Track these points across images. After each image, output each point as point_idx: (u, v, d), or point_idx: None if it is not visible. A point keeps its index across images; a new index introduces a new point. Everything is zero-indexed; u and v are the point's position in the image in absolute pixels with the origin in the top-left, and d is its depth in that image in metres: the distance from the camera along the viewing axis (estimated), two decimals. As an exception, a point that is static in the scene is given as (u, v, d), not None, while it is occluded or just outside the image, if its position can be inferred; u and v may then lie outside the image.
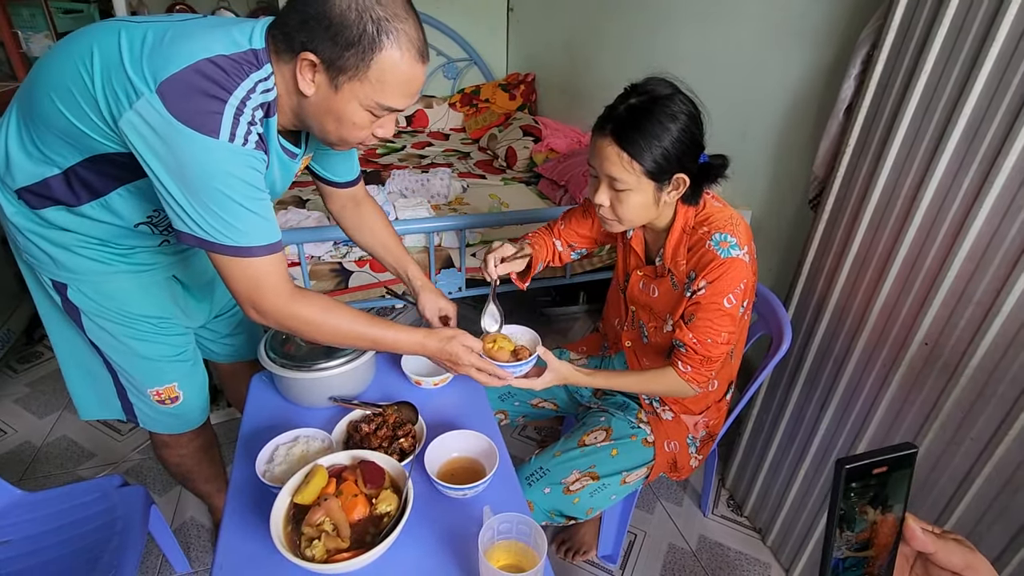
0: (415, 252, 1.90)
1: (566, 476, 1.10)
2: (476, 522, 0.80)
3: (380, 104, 0.81)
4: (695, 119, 0.97)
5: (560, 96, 3.22)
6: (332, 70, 0.78)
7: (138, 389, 1.10)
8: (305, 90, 0.80)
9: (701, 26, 1.89)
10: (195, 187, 0.76)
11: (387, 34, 0.76)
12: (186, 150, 0.74)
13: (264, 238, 0.81)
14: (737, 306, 1.00)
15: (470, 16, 3.63)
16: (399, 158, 3.00)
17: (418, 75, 0.82)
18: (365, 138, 0.88)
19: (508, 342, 1.06)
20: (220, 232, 0.78)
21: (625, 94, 0.98)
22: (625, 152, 0.94)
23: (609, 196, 1.00)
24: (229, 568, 0.76)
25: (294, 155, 0.95)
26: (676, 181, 0.98)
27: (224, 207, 0.77)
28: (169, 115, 0.72)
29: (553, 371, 1.02)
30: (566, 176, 2.31)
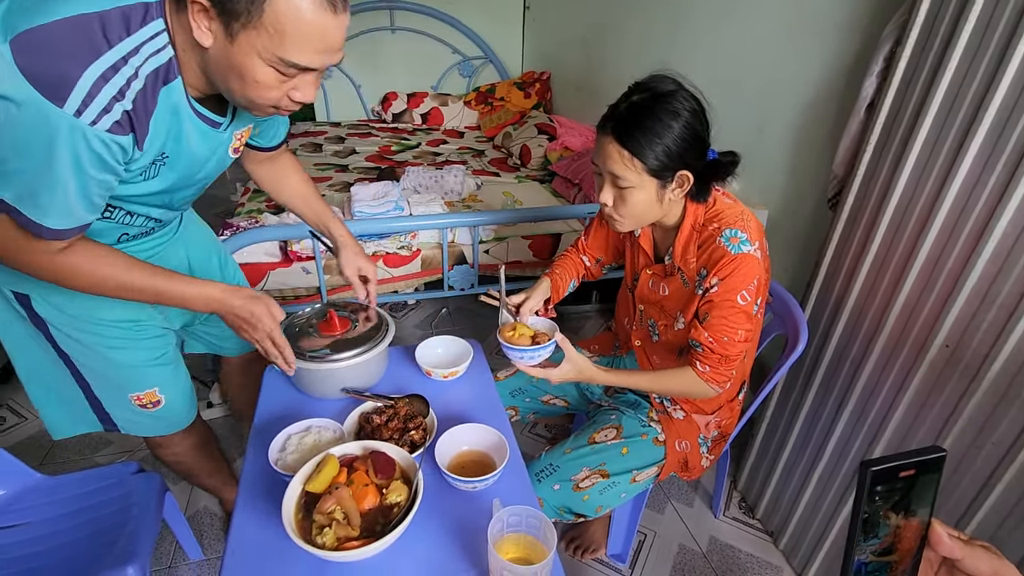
0: (428, 248, 1.91)
1: (576, 473, 1.10)
2: (485, 515, 0.80)
3: (282, 59, 0.71)
4: (699, 116, 0.96)
5: (575, 94, 3.22)
6: (224, 15, 0.69)
7: (116, 398, 1.05)
8: (202, 40, 0.71)
9: (720, 22, 1.87)
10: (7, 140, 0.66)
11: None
12: (20, 110, 0.64)
13: (60, 222, 0.74)
14: (751, 303, 0.99)
15: (486, 14, 3.64)
16: (414, 155, 3.02)
17: (329, 26, 0.71)
18: (279, 101, 0.78)
19: (528, 330, 1.06)
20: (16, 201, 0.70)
21: (628, 92, 0.98)
22: (626, 150, 0.94)
23: (613, 194, 1.00)
24: (241, 554, 0.77)
25: (215, 124, 0.86)
26: (680, 178, 0.97)
27: (35, 178, 0.69)
28: (15, 67, 0.63)
29: (571, 362, 1.01)
30: (580, 174, 2.30)
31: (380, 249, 1.85)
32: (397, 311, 2.48)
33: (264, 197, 2.30)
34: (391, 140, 3.27)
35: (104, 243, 0.85)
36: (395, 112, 3.66)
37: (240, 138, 0.96)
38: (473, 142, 3.32)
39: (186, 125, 0.82)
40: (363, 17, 3.51)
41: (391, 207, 1.87)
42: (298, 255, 1.76)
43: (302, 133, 3.38)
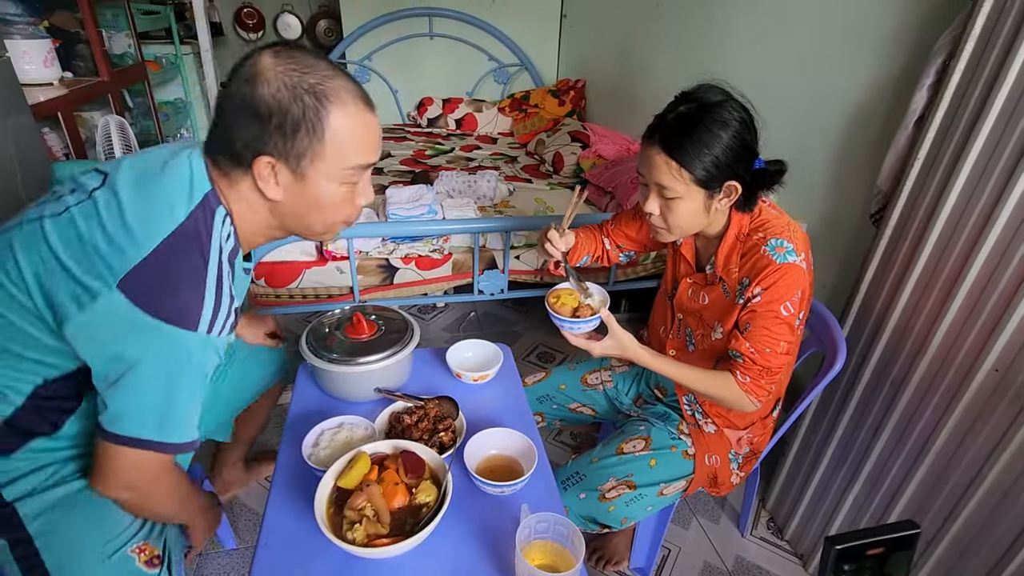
0: (460, 252, 1.92)
1: (602, 483, 1.09)
2: (512, 520, 0.80)
3: (351, 167, 0.76)
4: (748, 125, 0.95)
5: (610, 103, 3.21)
6: (291, 161, 0.73)
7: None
8: (274, 196, 0.75)
9: (760, 31, 1.85)
10: (146, 379, 0.69)
11: (326, 98, 0.71)
12: (152, 346, 0.67)
13: (189, 434, 0.76)
14: (794, 315, 0.97)
15: (523, 22, 3.66)
16: (447, 160, 3.05)
17: (371, 122, 0.77)
18: (352, 213, 0.82)
19: (572, 299, 1.03)
20: (146, 426, 0.71)
21: (675, 102, 0.97)
22: (674, 160, 0.93)
23: (659, 204, 1.00)
24: (273, 545, 0.79)
25: (248, 270, 0.94)
26: (728, 188, 0.96)
27: (168, 398, 0.71)
28: (138, 310, 0.66)
29: (614, 339, 0.99)
30: (613, 183, 2.29)
31: (412, 251, 1.87)
32: (426, 313, 2.51)
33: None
34: (425, 144, 3.32)
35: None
36: (430, 117, 3.71)
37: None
38: (506, 148, 3.34)
39: (240, 281, 0.85)
40: (403, 24, 3.57)
41: (425, 210, 1.90)
42: (333, 255, 1.80)
43: (339, 136, 3.45)
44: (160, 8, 3.78)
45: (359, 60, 3.68)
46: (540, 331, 2.38)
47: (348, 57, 3.68)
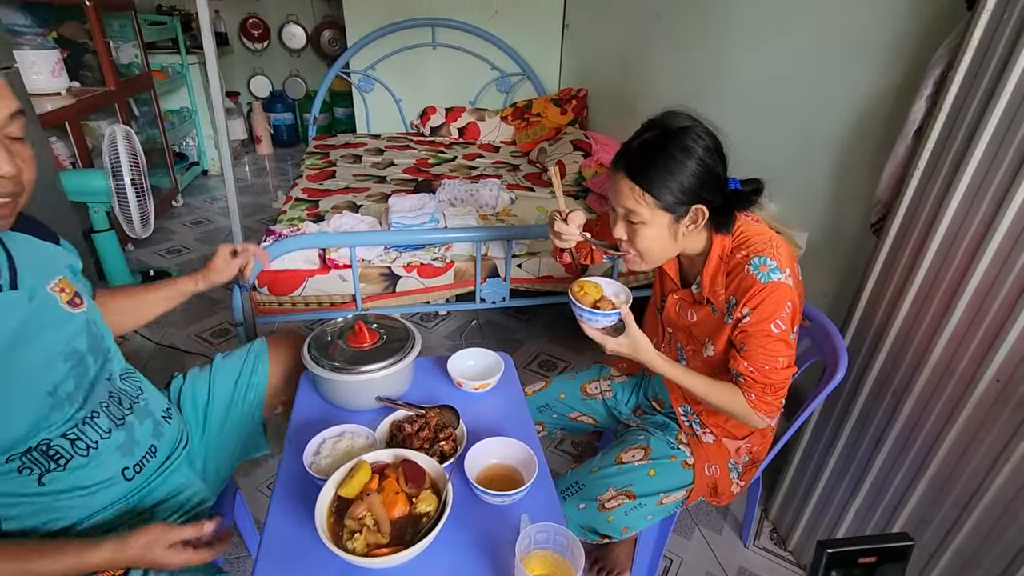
0: (462, 260, 1.93)
1: (602, 493, 1.09)
2: (512, 530, 0.80)
3: None
4: (713, 152, 0.96)
5: (612, 111, 3.23)
6: None
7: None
8: None
9: (761, 42, 1.86)
10: None
11: None
12: None
13: None
14: (787, 331, 0.97)
15: (525, 31, 3.70)
16: (450, 168, 3.07)
17: None
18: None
19: (596, 291, 1.05)
20: None
21: (640, 129, 1.00)
22: (638, 186, 0.96)
23: (626, 230, 1.02)
24: (274, 553, 0.79)
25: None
26: (694, 213, 0.98)
27: None
28: None
29: (630, 338, 0.99)
30: (615, 191, 2.30)
31: (415, 260, 1.88)
32: (428, 321, 2.51)
33: (306, 206, 2.37)
34: (428, 153, 3.34)
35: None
36: (433, 126, 3.73)
37: (63, 290, 0.88)
38: (508, 157, 3.36)
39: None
40: (406, 34, 3.61)
41: (427, 219, 1.91)
42: (336, 263, 1.81)
43: (343, 144, 3.48)
44: (167, 19, 3.83)
45: (363, 69, 3.71)
46: (542, 339, 2.38)
47: (352, 67, 3.71)
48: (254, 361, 1.18)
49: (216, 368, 1.16)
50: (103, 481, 0.86)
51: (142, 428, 0.93)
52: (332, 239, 1.70)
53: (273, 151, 4.99)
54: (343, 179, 2.81)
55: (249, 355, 1.18)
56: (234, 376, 1.16)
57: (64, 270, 0.92)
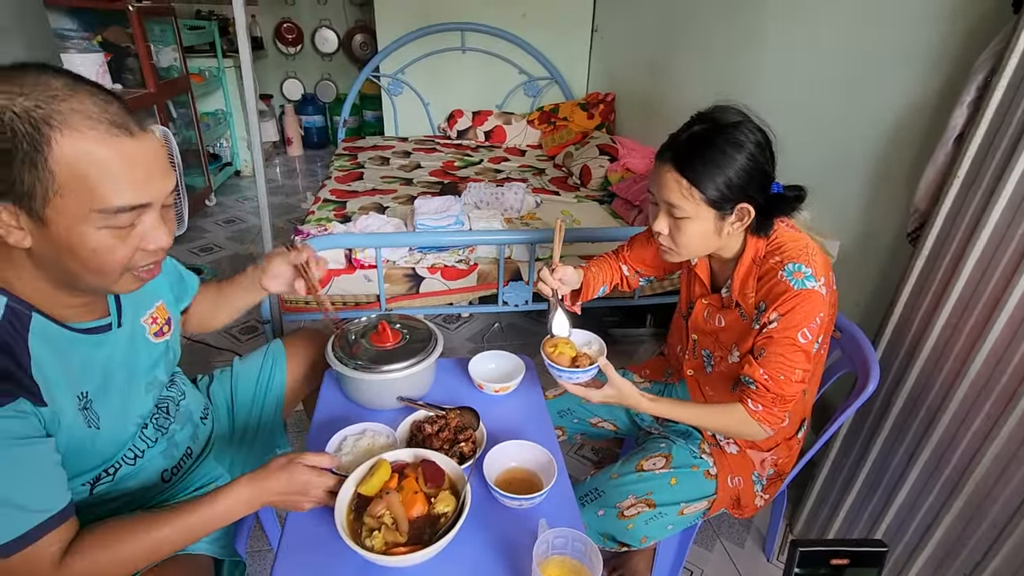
0: (486, 263, 1.94)
1: (621, 500, 1.08)
2: (529, 534, 0.80)
3: (104, 210, 0.62)
4: (764, 148, 0.94)
5: (640, 116, 3.21)
6: (20, 202, 0.60)
7: None
8: (17, 242, 0.63)
9: (794, 45, 1.82)
10: None
11: (46, 123, 0.58)
12: None
13: (5, 533, 0.62)
14: (812, 342, 0.94)
15: (554, 36, 3.70)
16: (476, 171, 3.09)
17: (131, 152, 0.63)
18: (131, 261, 0.68)
19: (570, 348, 1.05)
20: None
21: (690, 122, 0.97)
22: (685, 179, 0.93)
23: (668, 224, 0.99)
24: (295, 547, 0.80)
25: (103, 328, 0.78)
26: (740, 211, 0.95)
27: None
28: None
29: (614, 388, 0.99)
30: (641, 196, 2.28)
31: (439, 262, 1.89)
32: (450, 323, 2.53)
33: (333, 207, 2.41)
34: (455, 156, 3.36)
35: (112, 522, 0.73)
36: (460, 129, 3.76)
37: (155, 320, 0.89)
38: (534, 160, 3.36)
39: (75, 350, 0.74)
40: (435, 38, 3.65)
41: (452, 221, 1.92)
42: (361, 263, 1.83)
43: (371, 147, 3.53)
44: (205, 23, 3.94)
45: (392, 73, 3.76)
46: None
47: (382, 70, 3.77)
48: (272, 363, 1.19)
49: (236, 371, 1.18)
50: (144, 485, 0.89)
51: (182, 433, 0.95)
52: (358, 240, 1.73)
53: (303, 153, 5.09)
54: (371, 181, 2.86)
55: (267, 357, 1.20)
56: (254, 378, 1.18)
57: (164, 294, 0.94)
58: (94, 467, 0.80)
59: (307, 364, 1.21)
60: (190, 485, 0.97)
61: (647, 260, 1.27)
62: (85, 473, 0.79)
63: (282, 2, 4.79)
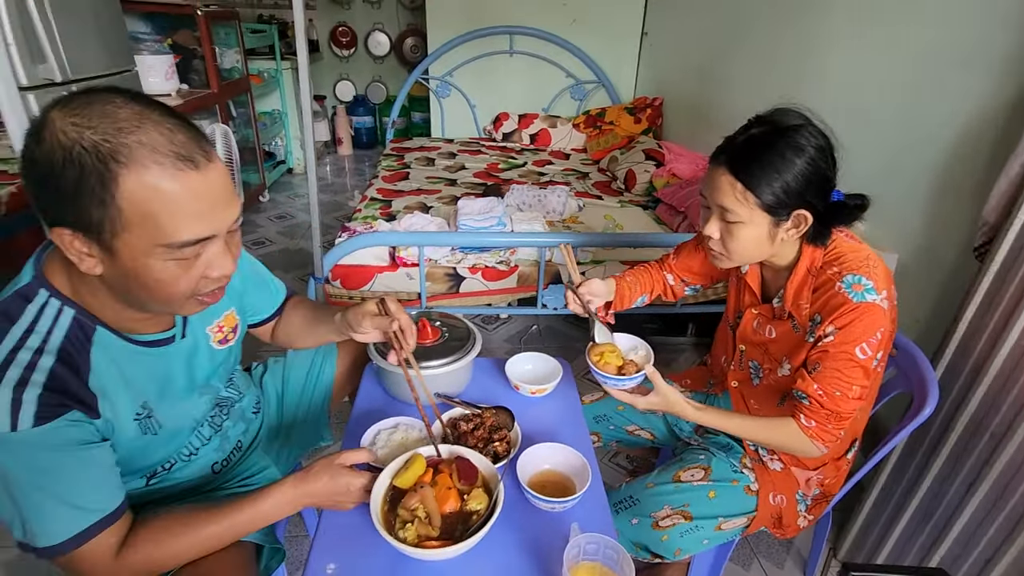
0: (526, 265, 1.94)
1: (656, 510, 1.05)
2: (561, 537, 0.79)
3: (168, 245, 0.63)
4: (826, 153, 0.90)
5: (688, 122, 3.15)
6: (91, 234, 0.62)
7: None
8: (88, 269, 0.65)
9: (857, 51, 1.75)
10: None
11: (113, 158, 0.59)
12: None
13: (67, 530, 0.67)
14: (871, 358, 0.90)
15: (603, 40, 3.68)
16: (519, 174, 3.10)
17: (195, 186, 0.63)
18: (196, 289, 0.70)
19: (616, 356, 1.03)
20: (26, 531, 0.67)
21: (748, 124, 0.94)
22: (739, 182, 0.90)
23: (720, 228, 0.96)
24: (330, 534, 0.82)
25: (166, 341, 0.81)
26: (797, 218, 0.92)
27: (16, 502, 0.66)
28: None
29: (660, 395, 0.97)
30: (686, 202, 2.24)
31: (480, 262, 1.91)
32: (488, 324, 2.54)
33: (379, 205, 2.47)
34: (499, 158, 3.39)
35: (159, 514, 0.77)
36: (505, 132, 3.79)
37: (220, 329, 0.91)
38: (578, 164, 3.35)
39: (137, 361, 0.77)
40: (484, 41, 3.69)
41: (494, 222, 1.93)
42: (404, 261, 1.87)
43: (418, 148, 3.59)
44: (266, 27, 4.11)
45: (441, 76, 3.83)
46: (602, 349, 2.34)
47: (431, 73, 3.84)
48: (324, 354, 1.22)
49: (290, 360, 1.21)
50: (196, 476, 0.93)
51: (235, 429, 0.99)
52: (402, 238, 1.76)
53: (353, 152, 5.23)
54: (416, 181, 2.91)
55: (319, 350, 1.22)
56: (305, 369, 1.21)
57: (235, 300, 0.95)
58: (150, 465, 0.85)
59: (356, 358, 1.23)
60: (238, 475, 1.01)
61: (694, 268, 1.24)
62: (141, 471, 0.84)
63: (338, 6, 4.95)
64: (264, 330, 1.10)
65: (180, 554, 0.76)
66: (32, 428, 0.64)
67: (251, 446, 1.05)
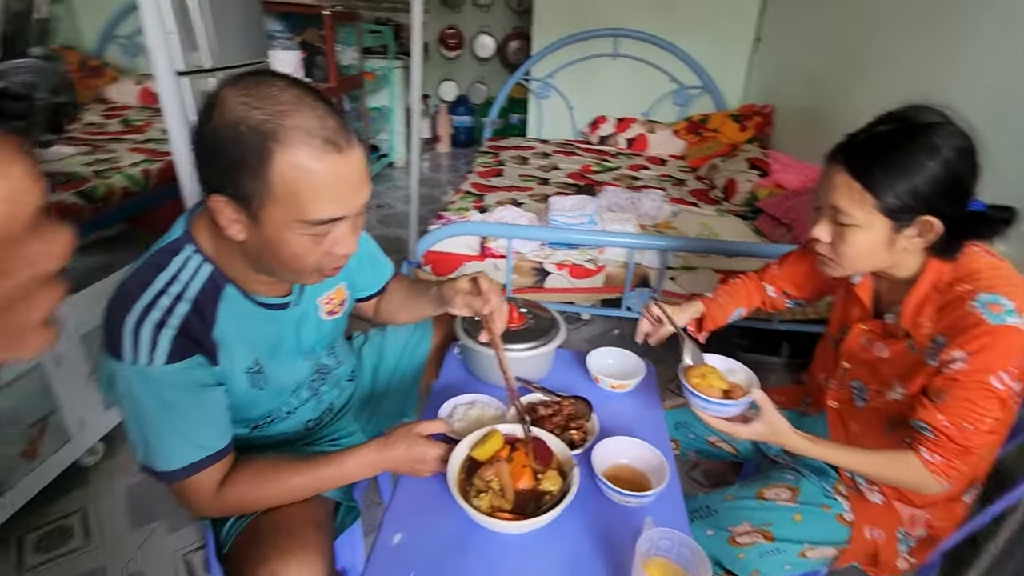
0: (614, 265, 1.92)
1: (735, 524, 1.00)
2: (630, 531, 0.77)
3: (306, 221, 0.69)
4: (965, 156, 0.81)
5: (800, 131, 2.96)
6: (242, 203, 0.68)
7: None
8: (233, 235, 0.72)
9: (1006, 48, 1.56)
10: (123, 411, 0.76)
11: (272, 137, 0.64)
12: (107, 372, 0.75)
13: (181, 460, 0.76)
14: (1009, 387, 0.80)
15: (712, 44, 3.55)
16: (613, 177, 3.06)
17: (337, 169, 0.68)
18: (320, 264, 0.75)
19: (720, 379, 0.93)
20: (147, 455, 0.76)
21: (875, 121, 0.86)
22: (857, 182, 0.83)
23: (831, 231, 0.89)
24: (406, 500, 0.85)
25: (282, 306, 0.88)
26: (922, 225, 0.83)
27: (143, 429, 0.75)
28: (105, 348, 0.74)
29: (767, 424, 0.86)
30: (792, 214, 2.11)
31: (567, 259, 1.91)
32: (569, 323, 2.53)
33: (473, 199, 2.54)
34: (593, 160, 3.37)
35: (260, 457, 0.85)
36: (602, 135, 3.76)
37: (330, 300, 0.98)
38: (675, 171, 3.25)
39: (256, 320, 0.84)
40: (588, 44, 3.69)
41: (585, 220, 1.93)
42: (493, 252, 1.91)
43: (514, 146, 3.66)
44: (382, 28, 4.38)
45: (543, 77, 3.87)
46: (685, 361, 2.25)
47: (532, 74, 3.89)
48: (421, 332, 1.27)
49: (388, 335, 1.27)
50: (291, 431, 1.02)
51: (330, 394, 1.06)
52: (493, 228, 1.80)
53: (450, 150, 5.42)
54: (509, 178, 2.96)
55: (418, 327, 1.27)
56: (402, 344, 1.26)
57: (346, 275, 0.99)
58: (254, 417, 0.94)
59: (447, 338, 1.26)
60: (328, 436, 1.08)
61: (799, 279, 1.17)
62: (246, 421, 0.94)
63: (449, 9, 5.15)
64: (369, 305, 1.16)
65: (269, 498, 0.83)
66: (164, 365, 0.73)
67: (342, 410, 1.12)
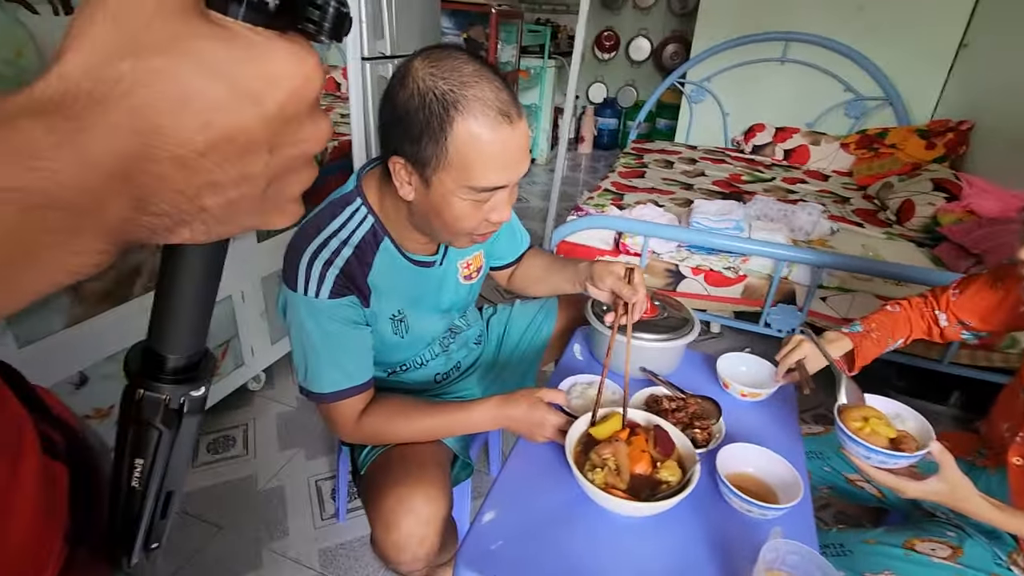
0: (757, 276, 1.79)
1: (874, 571, 0.89)
2: (748, 540, 0.73)
3: (472, 187, 0.74)
4: None
5: (1004, 153, 2.53)
6: (419, 166, 0.74)
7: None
8: (405, 195, 0.78)
9: None
10: (291, 336, 0.88)
11: (454, 106, 0.69)
12: (284, 304, 0.87)
13: (332, 385, 0.86)
14: None
15: (904, 50, 3.15)
16: (764, 188, 2.86)
17: (506, 139, 0.72)
18: (476, 228, 0.81)
19: (887, 426, 0.83)
20: (306, 376, 0.87)
21: None
22: None
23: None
24: (519, 468, 0.87)
25: (428, 263, 0.94)
26: None
27: (305, 353, 0.86)
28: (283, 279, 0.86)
29: (945, 482, 0.76)
30: (984, 244, 1.81)
31: (705, 264, 1.82)
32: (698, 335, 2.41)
33: (611, 196, 2.53)
34: (744, 170, 3.17)
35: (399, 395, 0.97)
36: (757, 144, 3.52)
37: (468, 266, 1.04)
38: (838, 187, 2.94)
39: (404, 273, 0.92)
40: (751, 48, 3.47)
41: (731, 225, 1.82)
42: (627, 249, 1.88)
43: (659, 150, 3.56)
44: (541, 28, 4.51)
45: (698, 80, 3.72)
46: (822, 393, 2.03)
47: (688, 77, 3.76)
48: (547, 312, 1.29)
49: (515, 311, 1.31)
50: (422, 380, 1.11)
51: (458, 352, 1.15)
52: (632, 225, 1.78)
53: (591, 152, 5.42)
54: (651, 180, 2.89)
55: (543, 308, 1.30)
56: (527, 323, 1.29)
57: (485, 243, 1.02)
58: (392, 363, 1.04)
59: (571, 322, 1.27)
60: (453, 392, 1.16)
61: (982, 310, 1.01)
62: (385, 365, 1.04)
63: (609, 11, 5.15)
64: (503, 274, 1.21)
65: (399, 434, 0.92)
66: (327, 299, 0.83)
67: (469, 370, 1.18)
